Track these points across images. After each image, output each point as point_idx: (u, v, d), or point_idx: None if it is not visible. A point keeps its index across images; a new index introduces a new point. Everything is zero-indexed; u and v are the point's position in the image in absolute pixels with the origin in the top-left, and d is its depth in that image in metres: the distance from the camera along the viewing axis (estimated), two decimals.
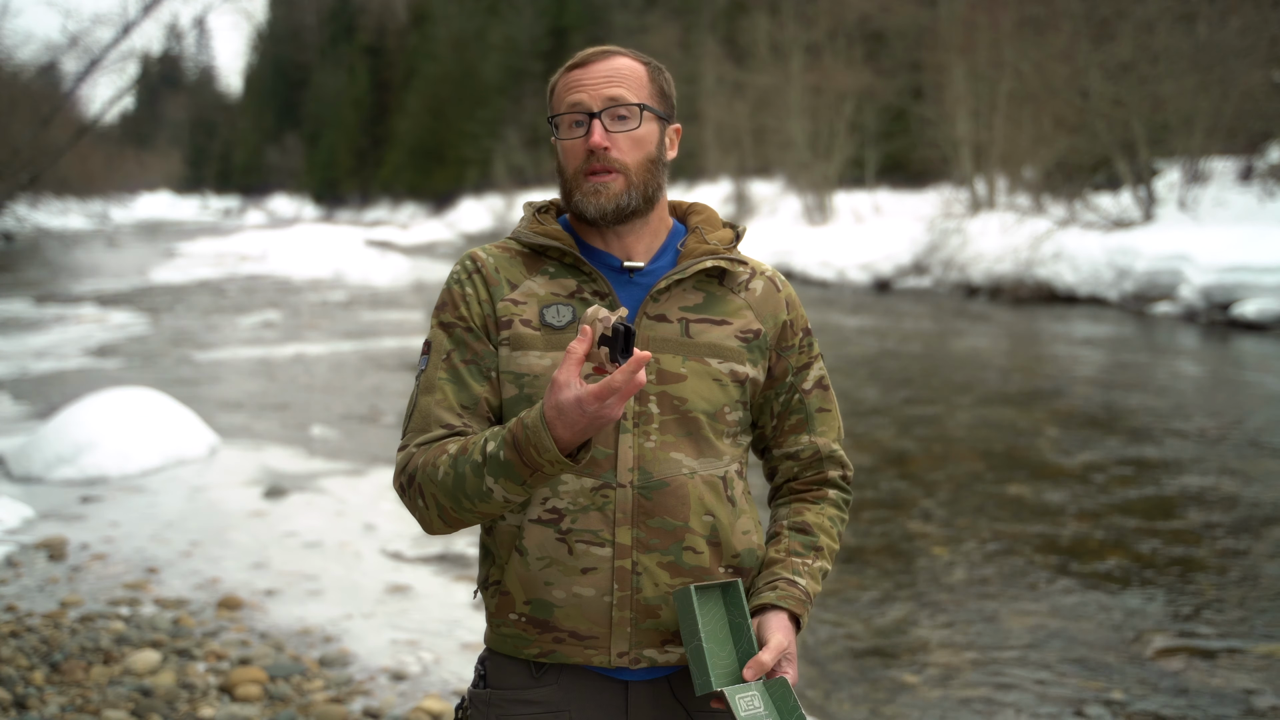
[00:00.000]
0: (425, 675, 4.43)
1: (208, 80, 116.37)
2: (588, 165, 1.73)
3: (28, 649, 4.52)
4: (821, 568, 1.80)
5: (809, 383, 1.86)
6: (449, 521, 1.72)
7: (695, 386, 1.74)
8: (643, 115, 1.74)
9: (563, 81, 1.77)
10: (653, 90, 1.77)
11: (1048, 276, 19.63)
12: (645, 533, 1.71)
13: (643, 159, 1.75)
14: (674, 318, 1.75)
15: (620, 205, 1.73)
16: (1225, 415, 9.56)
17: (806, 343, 1.86)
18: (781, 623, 1.70)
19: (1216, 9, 20.90)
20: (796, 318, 1.85)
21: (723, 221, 1.87)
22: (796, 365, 1.85)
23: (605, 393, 1.51)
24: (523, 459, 1.60)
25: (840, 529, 1.87)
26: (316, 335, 15.89)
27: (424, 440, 1.74)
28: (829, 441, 1.88)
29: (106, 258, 34.36)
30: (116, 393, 8.39)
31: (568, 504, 1.71)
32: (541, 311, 1.75)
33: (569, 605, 1.71)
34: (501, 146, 51.08)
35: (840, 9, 32.28)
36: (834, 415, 1.90)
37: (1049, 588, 5.53)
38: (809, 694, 4.41)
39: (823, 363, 1.90)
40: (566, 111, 1.74)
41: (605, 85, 1.73)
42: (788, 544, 1.81)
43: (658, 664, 1.74)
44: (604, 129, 1.72)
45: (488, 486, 1.64)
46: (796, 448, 1.87)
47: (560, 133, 1.76)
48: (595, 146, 1.71)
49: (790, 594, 1.73)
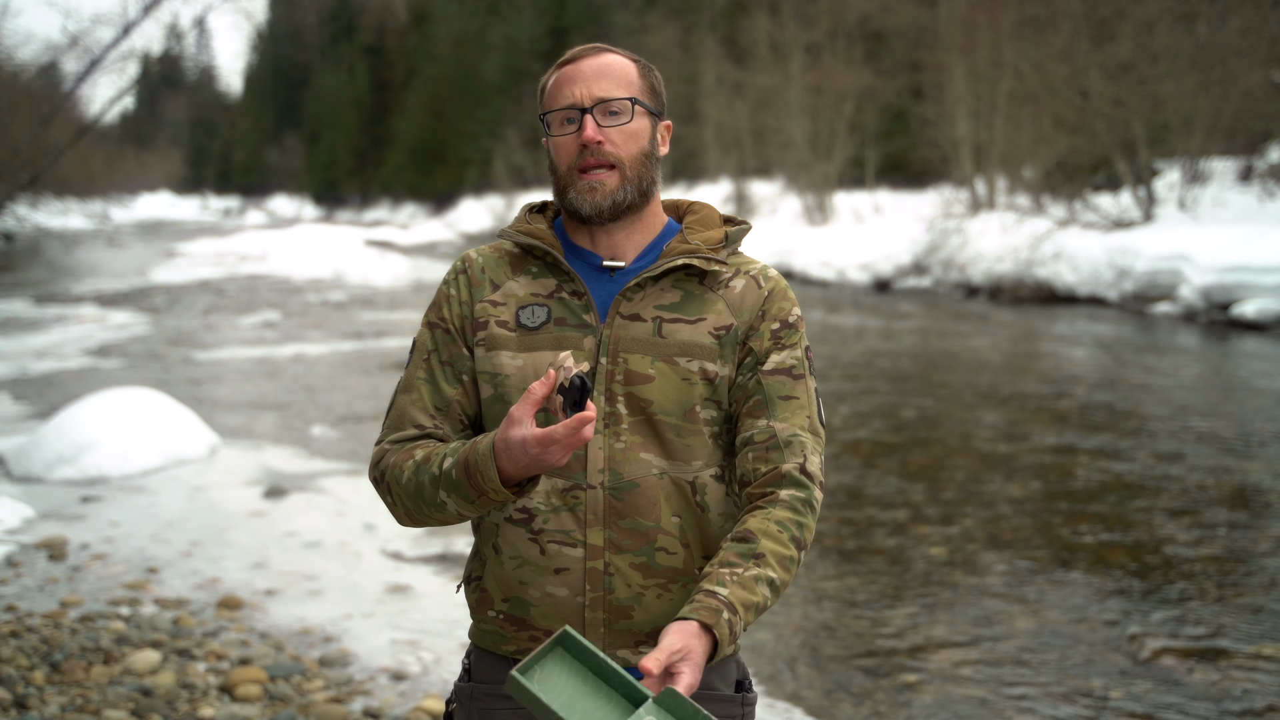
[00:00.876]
0: (425, 675, 4.44)
1: (208, 80, 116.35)
2: (580, 161, 1.73)
3: (28, 649, 4.53)
4: (760, 575, 1.61)
5: (770, 365, 1.75)
6: (415, 521, 1.75)
7: (661, 388, 1.72)
8: (634, 110, 1.74)
9: (553, 79, 1.77)
10: (643, 86, 1.77)
11: (1048, 276, 19.63)
12: (617, 534, 1.71)
13: (636, 153, 1.74)
14: (648, 316, 1.74)
15: (616, 201, 1.73)
16: (1225, 415, 9.56)
17: (782, 332, 1.77)
18: (681, 628, 1.53)
19: (1216, 9, 20.89)
20: (775, 310, 1.78)
21: (722, 219, 1.85)
22: (760, 351, 1.76)
23: (548, 440, 1.52)
24: (470, 482, 1.62)
25: (795, 532, 1.67)
26: (316, 335, 15.89)
27: (397, 439, 1.77)
28: (790, 428, 1.72)
29: (106, 258, 34.36)
30: (116, 393, 8.40)
31: (539, 504, 1.72)
32: (518, 312, 1.76)
33: (544, 605, 1.73)
34: (501, 146, 51.05)
35: (840, 9, 32.28)
36: (802, 405, 1.75)
37: (1049, 588, 5.53)
38: (809, 694, 4.42)
39: (802, 355, 1.78)
40: (558, 108, 1.74)
41: (596, 81, 1.73)
42: (722, 556, 1.64)
43: (631, 665, 1.73)
44: (596, 123, 1.72)
45: (441, 499, 1.67)
46: (752, 431, 1.73)
47: (552, 130, 1.75)
48: (588, 140, 1.71)
49: (704, 604, 1.56)
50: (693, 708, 1.43)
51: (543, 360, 1.72)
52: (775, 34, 33.76)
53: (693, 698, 1.70)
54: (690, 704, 1.43)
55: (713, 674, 1.78)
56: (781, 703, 4.28)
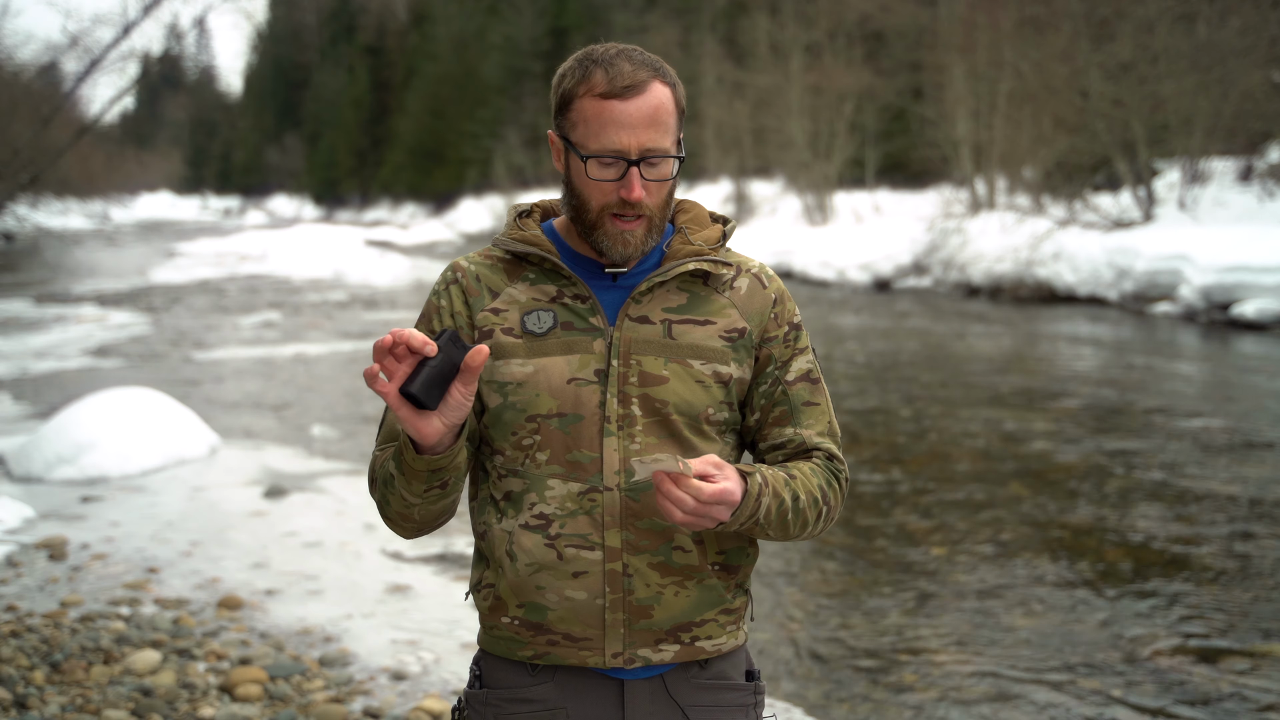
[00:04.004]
0: (425, 675, 4.44)
1: (208, 80, 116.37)
2: (616, 208, 1.70)
3: (28, 649, 4.53)
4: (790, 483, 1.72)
5: (792, 374, 1.81)
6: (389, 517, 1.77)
7: (676, 389, 1.73)
8: (675, 162, 1.72)
9: (594, 109, 1.68)
10: (678, 120, 1.73)
11: (1048, 276, 19.63)
12: (634, 534, 1.72)
13: (663, 200, 1.74)
14: (656, 319, 1.75)
15: (643, 250, 1.74)
16: (1225, 415, 9.56)
17: (792, 336, 1.83)
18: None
19: (1216, 9, 20.90)
20: (783, 311, 1.82)
21: (711, 217, 1.86)
22: (780, 358, 1.81)
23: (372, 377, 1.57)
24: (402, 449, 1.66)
25: (822, 481, 1.77)
26: (316, 335, 15.89)
27: (386, 445, 1.80)
28: (814, 434, 1.81)
29: (106, 258, 34.36)
30: (116, 393, 8.40)
31: (555, 509, 1.72)
32: (523, 319, 1.75)
33: (561, 608, 1.72)
34: (501, 146, 51.04)
35: (840, 9, 32.29)
36: (823, 410, 1.83)
37: (1049, 587, 5.53)
38: (809, 694, 4.42)
39: (813, 357, 1.85)
40: (602, 152, 1.68)
41: (645, 130, 1.67)
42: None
43: (652, 663, 1.75)
44: (641, 178, 1.68)
45: (390, 472, 1.70)
46: (781, 439, 1.81)
47: (590, 170, 1.69)
48: (635, 200, 1.68)
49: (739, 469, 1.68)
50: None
51: (553, 366, 1.72)
52: (775, 34, 33.76)
53: (707, 688, 1.79)
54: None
55: (726, 663, 1.82)
56: (781, 703, 4.28)
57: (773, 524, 1.70)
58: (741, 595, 1.82)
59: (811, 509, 1.75)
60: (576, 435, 1.71)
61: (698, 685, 1.79)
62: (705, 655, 1.78)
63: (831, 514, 1.80)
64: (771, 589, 5.53)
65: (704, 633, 1.77)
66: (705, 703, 1.79)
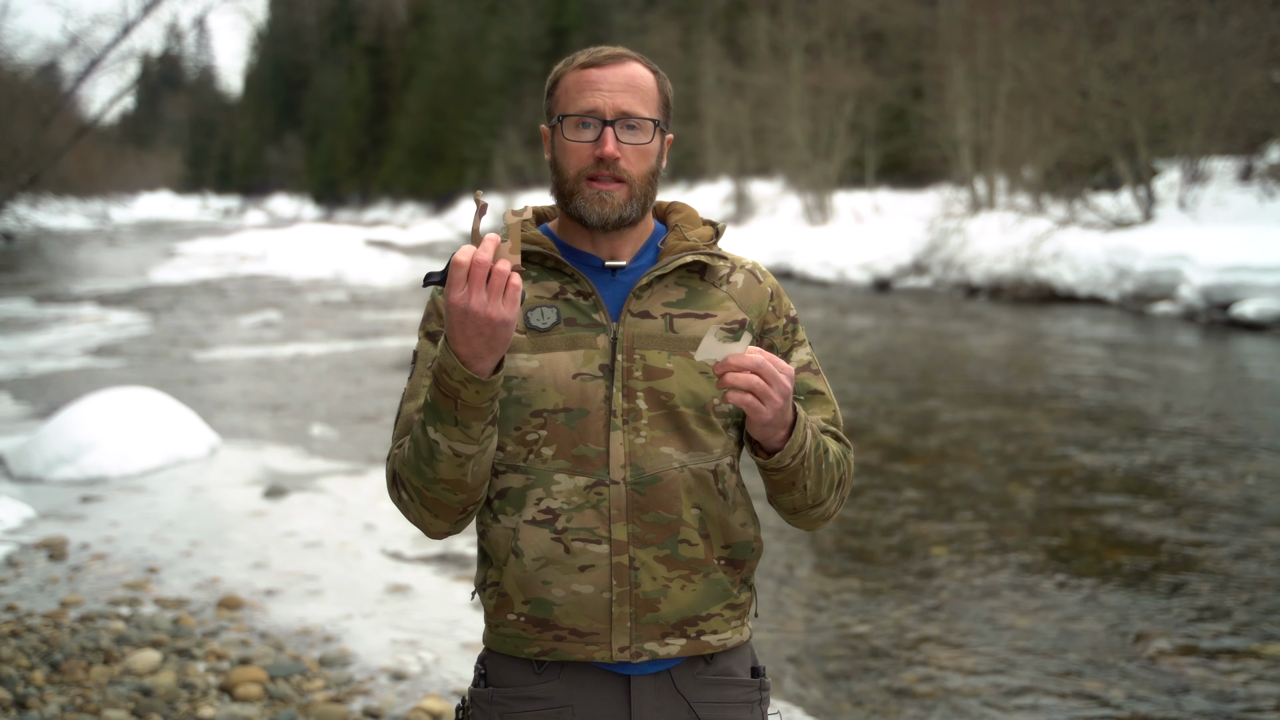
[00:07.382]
0: (425, 675, 4.44)
1: (208, 80, 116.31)
2: (593, 170, 1.73)
3: (28, 649, 4.52)
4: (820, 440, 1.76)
5: (795, 365, 1.84)
6: (429, 506, 1.71)
7: (681, 380, 1.75)
8: (654, 131, 1.75)
9: (573, 78, 1.75)
10: (660, 102, 1.78)
11: (1048, 276, 19.63)
12: (641, 528, 1.73)
13: (646, 171, 1.76)
14: (657, 313, 1.77)
15: (622, 216, 1.75)
16: (1225, 415, 9.56)
17: (791, 328, 1.86)
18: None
19: (1216, 9, 20.89)
20: (780, 304, 1.86)
21: (702, 219, 1.89)
22: (782, 349, 1.84)
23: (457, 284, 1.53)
24: (442, 390, 1.61)
25: (839, 451, 1.81)
26: (316, 335, 15.89)
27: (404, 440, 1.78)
28: (822, 421, 1.84)
29: (106, 258, 34.36)
30: (116, 393, 8.39)
31: (562, 504, 1.73)
32: (526, 315, 1.76)
33: (568, 603, 1.73)
34: (501, 146, 51.05)
35: (840, 9, 32.29)
36: (828, 399, 1.86)
37: (1049, 587, 5.53)
38: (810, 694, 4.42)
39: (810, 348, 1.88)
40: (578, 113, 1.73)
41: (621, 93, 1.73)
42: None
43: (659, 657, 1.76)
44: (616, 138, 1.72)
45: (432, 439, 1.64)
46: None
47: (565, 131, 1.74)
48: (607, 156, 1.71)
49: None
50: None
51: (558, 361, 1.74)
52: (775, 34, 33.76)
53: (713, 684, 1.80)
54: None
55: (731, 659, 1.83)
56: (781, 703, 4.28)
57: (811, 468, 1.74)
58: (746, 590, 1.84)
59: (835, 469, 1.79)
60: (583, 430, 1.72)
61: (703, 681, 1.80)
62: (711, 650, 1.78)
63: (845, 485, 1.84)
64: (772, 589, 5.53)
65: (710, 627, 1.78)
66: (711, 698, 1.79)
